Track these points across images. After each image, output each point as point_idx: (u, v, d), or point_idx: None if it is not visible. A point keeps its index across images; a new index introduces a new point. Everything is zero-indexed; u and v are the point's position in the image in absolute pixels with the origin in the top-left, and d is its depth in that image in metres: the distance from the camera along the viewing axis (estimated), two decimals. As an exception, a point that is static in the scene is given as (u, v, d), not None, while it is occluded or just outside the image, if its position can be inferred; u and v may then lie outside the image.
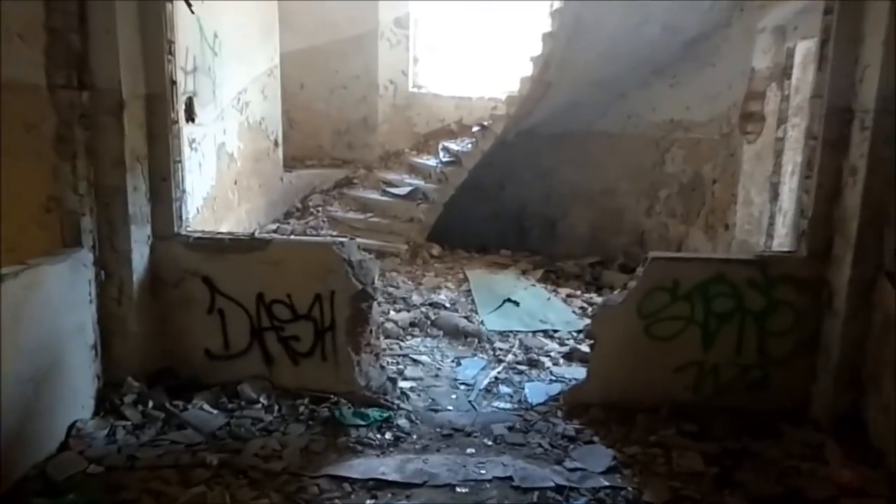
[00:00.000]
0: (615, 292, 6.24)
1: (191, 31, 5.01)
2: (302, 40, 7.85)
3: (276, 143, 6.98)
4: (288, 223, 7.02)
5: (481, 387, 4.17)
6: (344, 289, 3.72)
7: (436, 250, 6.70)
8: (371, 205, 7.25)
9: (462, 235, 7.80)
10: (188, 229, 3.90)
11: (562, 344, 4.94)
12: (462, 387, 4.19)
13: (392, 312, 5.28)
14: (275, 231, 6.75)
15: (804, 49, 5.55)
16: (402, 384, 4.10)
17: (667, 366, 3.73)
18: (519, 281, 6.09)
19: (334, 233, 6.90)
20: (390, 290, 5.79)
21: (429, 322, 5.13)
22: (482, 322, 5.21)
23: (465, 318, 5.25)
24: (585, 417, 3.70)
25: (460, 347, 4.81)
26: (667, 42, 6.51)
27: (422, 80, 8.47)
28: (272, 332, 3.80)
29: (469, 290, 5.83)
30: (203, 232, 3.92)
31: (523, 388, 4.15)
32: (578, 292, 6.12)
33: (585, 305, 5.76)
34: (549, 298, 5.77)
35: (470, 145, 7.11)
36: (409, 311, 5.35)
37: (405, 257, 6.48)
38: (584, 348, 4.70)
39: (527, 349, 4.80)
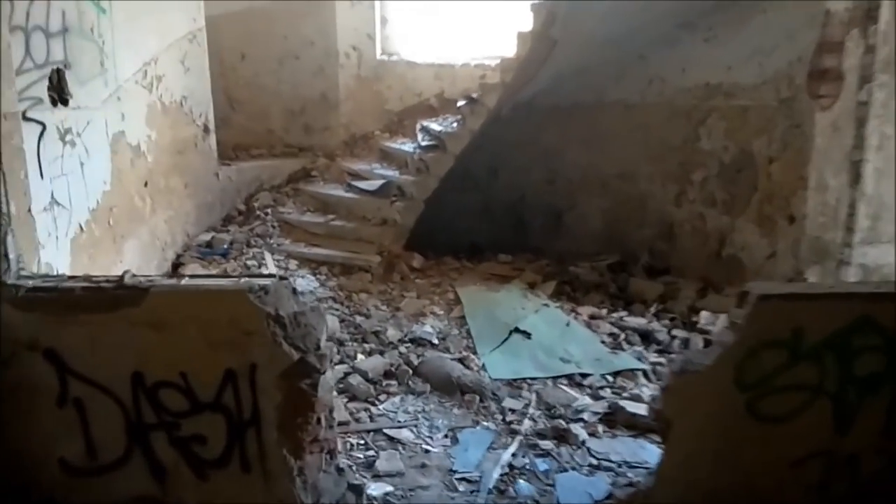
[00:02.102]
0: (651, 309, 4.99)
1: (56, -25, 3.60)
2: (238, -2, 6.44)
3: (206, 129, 5.59)
4: (227, 231, 5.64)
5: (491, 484, 2.88)
6: (271, 361, 2.41)
7: (417, 261, 5.36)
8: (333, 204, 5.89)
9: (448, 237, 6.48)
10: (24, 273, 2.54)
11: (595, 397, 3.67)
12: (462, 484, 2.90)
13: (360, 357, 3.97)
14: (208, 242, 5.38)
15: (896, -18, 4.29)
16: (372, 489, 2.80)
17: (780, 458, 2.48)
18: (526, 300, 4.79)
19: (286, 241, 5.55)
20: (359, 320, 4.47)
21: (410, 371, 3.82)
22: (483, 366, 3.91)
23: (460, 360, 3.95)
24: (659, 547, 2.44)
25: (456, 411, 3.51)
26: (704, -18, 5.20)
27: (392, 45, 7.06)
28: (161, 432, 2.48)
29: (463, 317, 4.52)
30: (44, 278, 2.56)
31: (552, 485, 2.87)
32: (604, 311, 4.83)
33: (616, 331, 4.48)
34: (568, 324, 4.48)
35: (455, 124, 5.75)
36: (383, 352, 4.03)
37: (378, 272, 5.15)
38: (631, 406, 3.44)
39: (549, 409, 3.52)
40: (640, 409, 3.39)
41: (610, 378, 3.86)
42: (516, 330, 4.27)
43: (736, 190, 5.60)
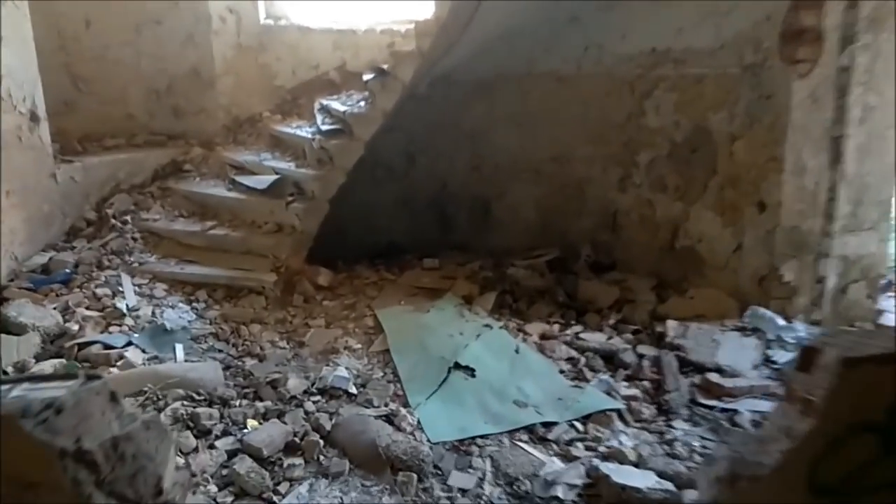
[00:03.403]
0: (609, 320, 4.20)
1: None
2: (74, -54, 5.15)
3: (34, 118, 4.33)
4: (72, 248, 4.44)
5: None
6: (76, 525, 1.44)
7: (324, 277, 4.38)
8: (213, 206, 4.80)
9: (361, 239, 5.57)
10: None
11: (566, 457, 2.89)
12: None
13: (251, 424, 3.00)
14: (45, 266, 4.19)
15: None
16: None
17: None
18: (463, 320, 3.95)
19: (151, 258, 4.44)
20: (249, 365, 3.49)
21: (321, 440, 2.90)
22: (419, 424, 3.05)
23: (388, 418, 3.07)
24: None
25: (386, 499, 2.63)
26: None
27: (279, 6, 5.95)
28: None
29: (387, 351, 3.63)
30: None
31: None
32: (556, 327, 4.07)
33: (575, 354, 3.72)
34: (517, 350, 3.68)
35: (363, 103, 4.78)
36: (283, 413, 3.08)
37: (274, 295, 4.15)
38: (616, 473, 2.68)
39: (510, 483, 2.71)
40: (628, 478, 2.65)
41: (579, 425, 3.10)
42: (456, 366, 3.42)
43: (690, 173, 4.97)
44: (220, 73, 5.63)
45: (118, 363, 3.38)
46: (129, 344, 3.58)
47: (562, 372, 3.54)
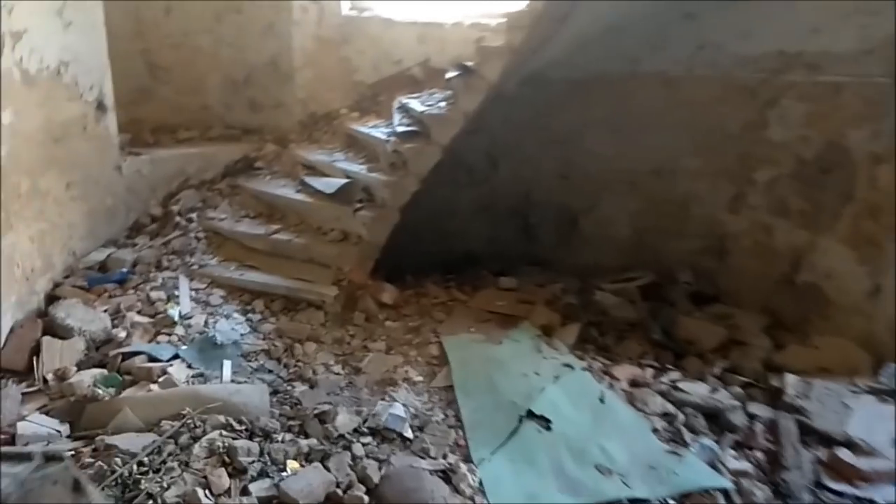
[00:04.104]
0: (714, 368, 3.63)
1: None
2: (158, -70, 5.01)
3: (101, 107, 4.18)
4: (133, 245, 4.28)
5: None
6: None
7: (388, 295, 4.00)
8: (281, 207, 4.53)
9: (434, 246, 5.18)
10: None
11: (659, 547, 2.39)
12: None
13: (291, 466, 2.66)
14: (102, 264, 4.04)
15: None
16: None
17: None
18: (541, 356, 3.48)
19: (212, 260, 4.20)
20: (299, 391, 3.17)
21: (366, 495, 2.53)
22: (480, 484, 2.62)
23: (444, 474, 2.66)
24: None
25: (435, 583, 2.22)
26: None
27: (363, -4, 5.66)
28: None
29: (450, 387, 3.22)
30: None
31: None
32: (648, 371, 3.54)
33: (671, 408, 3.19)
34: (602, 398, 3.19)
35: (444, 103, 4.37)
36: (327, 456, 2.72)
37: (334, 311, 3.82)
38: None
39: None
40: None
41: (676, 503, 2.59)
42: (529, 414, 2.97)
43: (820, 197, 4.30)
44: (298, 66, 5.37)
45: (160, 379, 3.14)
46: (176, 357, 3.34)
47: (655, 431, 3.03)
